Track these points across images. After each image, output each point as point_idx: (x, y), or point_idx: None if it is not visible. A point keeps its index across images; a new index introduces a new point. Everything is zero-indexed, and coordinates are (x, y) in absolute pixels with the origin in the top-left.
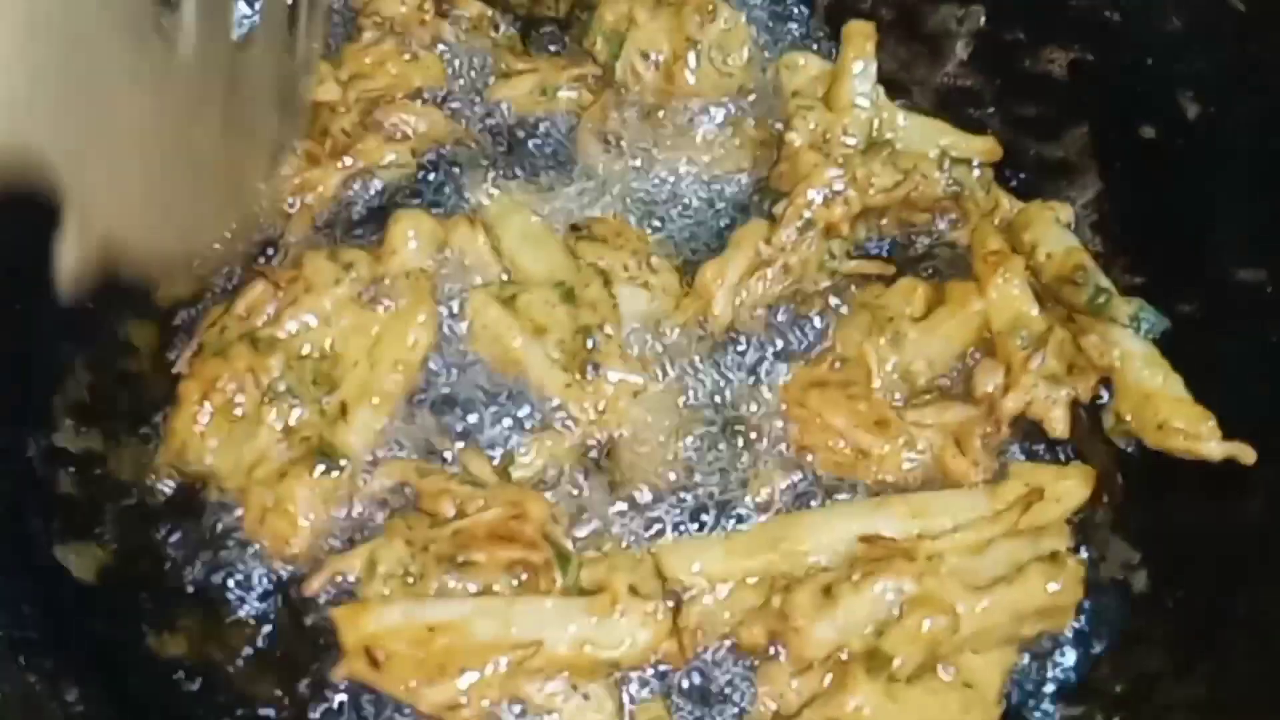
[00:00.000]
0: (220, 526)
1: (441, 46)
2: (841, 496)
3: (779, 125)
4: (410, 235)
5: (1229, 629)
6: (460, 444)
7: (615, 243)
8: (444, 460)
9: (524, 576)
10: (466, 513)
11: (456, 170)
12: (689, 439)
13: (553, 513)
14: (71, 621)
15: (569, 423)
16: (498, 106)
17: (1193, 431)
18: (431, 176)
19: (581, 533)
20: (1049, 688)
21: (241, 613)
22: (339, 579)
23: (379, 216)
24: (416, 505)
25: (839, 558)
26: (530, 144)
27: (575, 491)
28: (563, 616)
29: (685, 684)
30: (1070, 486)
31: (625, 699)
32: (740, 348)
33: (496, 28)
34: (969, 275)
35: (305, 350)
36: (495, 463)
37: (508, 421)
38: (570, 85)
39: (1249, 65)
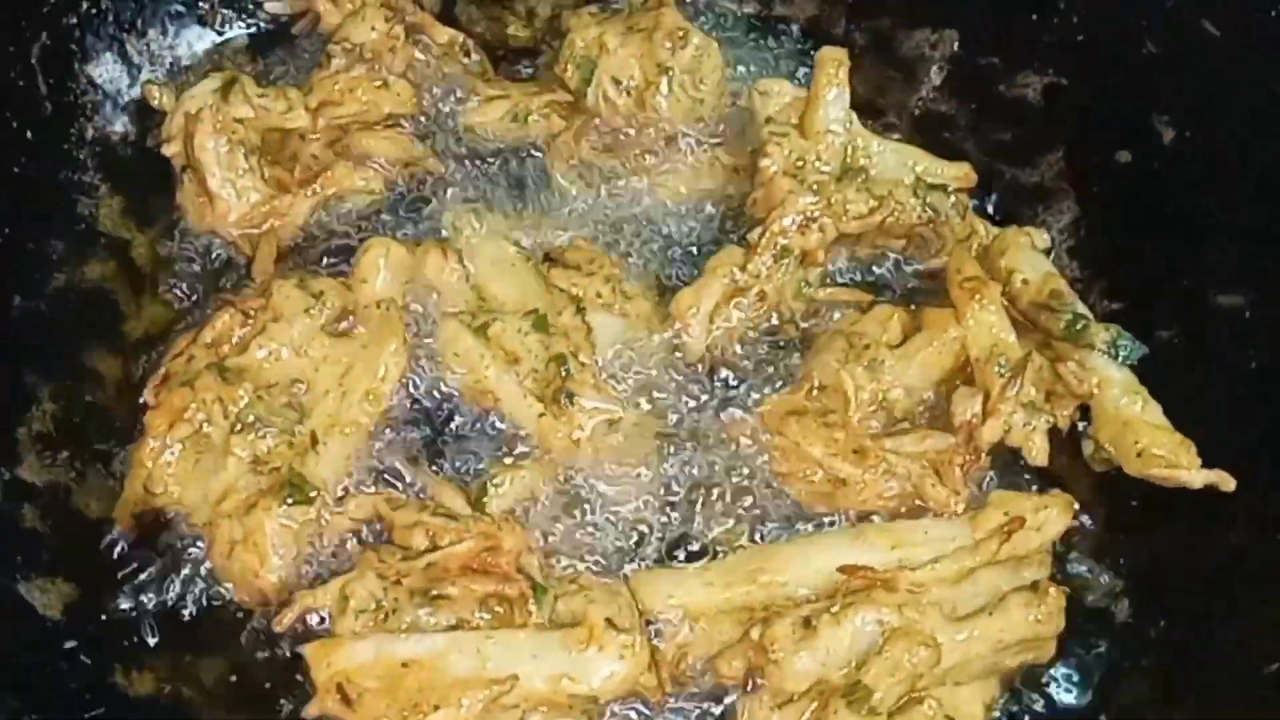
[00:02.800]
0: (188, 561)
1: (412, 73)
2: (820, 526)
3: (752, 151)
4: (381, 264)
5: (1212, 658)
6: (433, 475)
7: (588, 269)
8: (416, 492)
9: (499, 610)
10: (440, 545)
11: (427, 197)
12: (665, 468)
13: (527, 544)
14: (38, 659)
15: (543, 453)
16: (469, 133)
17: (1172, 459)
18: (402, 204)
19: (557, 565)
20: (1033, 718)
21: (211, 649)
22: (310, 614)
23: (349, 244)
24: (389, 537)
25: (818, 589)
26: (502, 170)
27: (550, 523)
28: (539, 650)
29: (663, 718)
30: (1051, 515)
31: None
32: (716, 376)
33: (468, 54)
34: (945, 302)
35: (274, 380)
36: (469, 494)
37: (481, 452)
38: (542, 111)
39: (1223, 90)
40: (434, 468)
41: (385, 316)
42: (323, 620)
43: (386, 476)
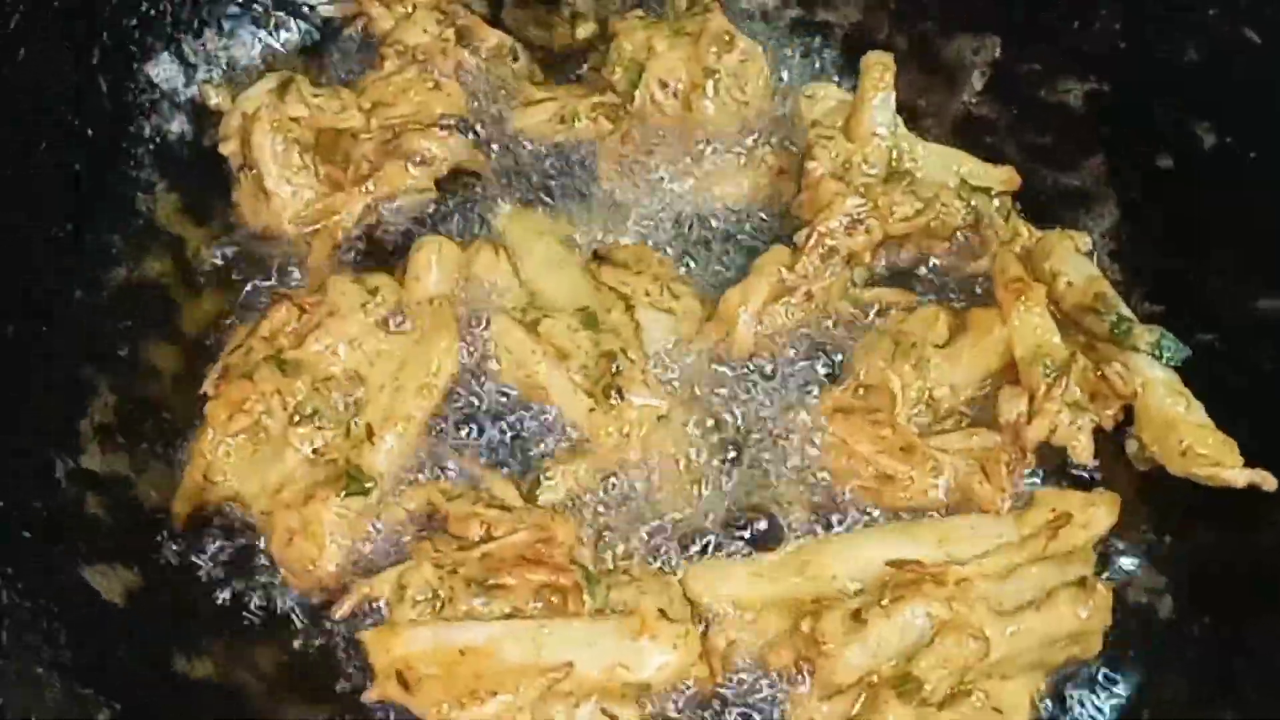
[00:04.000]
0: (247, 550)
1: (463, 75)
2: (868, 521)
3: (799, 154)
4: (433, 261)
5: (1255, 656)
6: (486, 468)
7: (636, 268)
8: (470, 484)
9: (553, 600)
10: (494, 536)
11: (478, 197)
12: (714, 464)
13: (579, 536)
14: (102, 643)
15: (593, 447)
16: (518, 134)
17: (1215, 458)
18: (453, 203)
19: (608, 556)
20: (1077, 713)
21: (270, 636)
22: (368, 603)
23: (402, 242)
24: (444, 528)
25: (867, 582)
26: (551, 171)
27: (601, 515)
28: (593, 639)
29: (714, 708)
30: (1096, 513)
31: None
32: (763, 374)
33: (516, 57)
34: (990, 303)
35: (331, 373)
36: (521, 486)
37: (533, 446)
38: (589, 114)
39: (1264, 95)
40: (487, 461)
41: (438, 313)
42: (380, 608)
43: (441, 469)
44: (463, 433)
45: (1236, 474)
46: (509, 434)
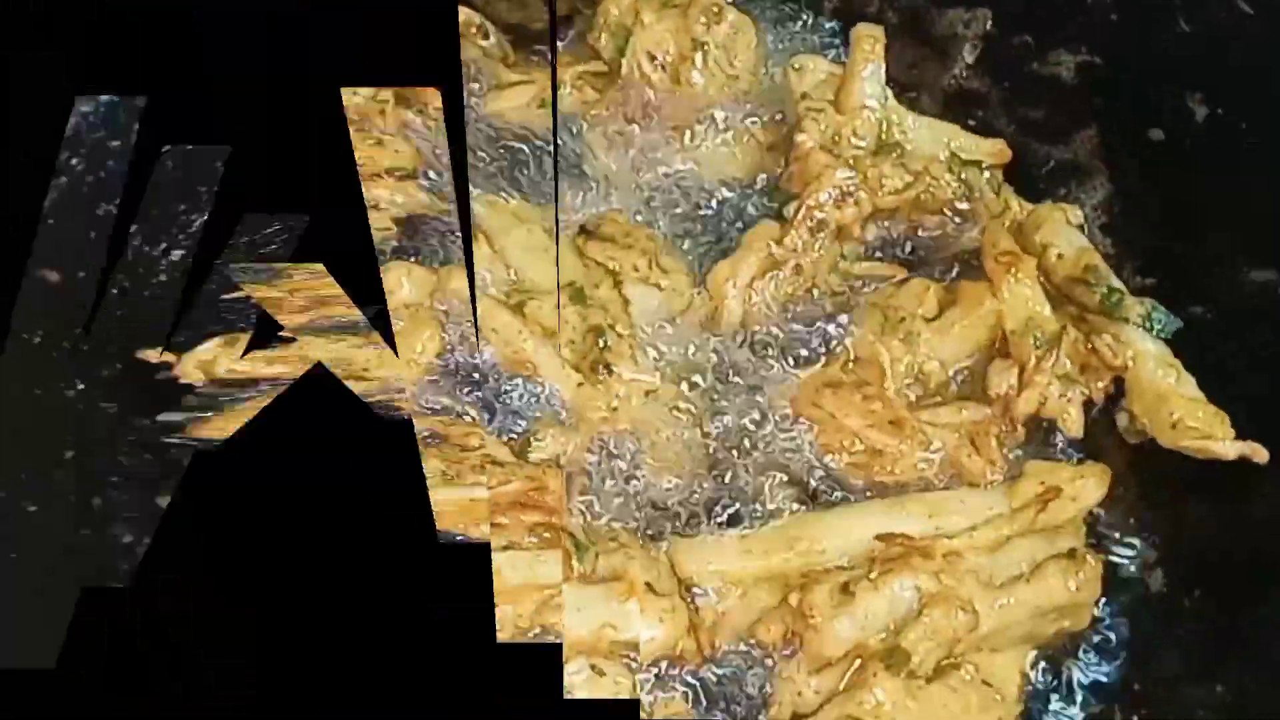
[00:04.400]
0: None
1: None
2: (857, 497)
3: (788, 127)
4: (404, 281)
5: (1246, 629)
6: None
7: (624, 243)
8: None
9: (547, 535)
10: (491, 486)
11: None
12: (702, 438)
13: (567, 506)
14: None
15: (582, 422)
16: (492, 118)
17: (1206, 431)
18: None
19: (598, 524)
20: (1067, 686)
21: None
22: None
23: None
24: None
25: (856, 556)
26: (532, 151)
27: (589, 489)
28: (582, 604)
29: (702, 681)
30: (1086, 485)
31: (643, 696)
32: (752, 348)
33: (486, 36)
34: (980, 276)
35: None
36: (514, 447)
37: (523, 418)
38: (574, 83)
39: (1257, 68)
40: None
41: (415, 314)
42: None
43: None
44: (453, 405)
45: (1227, 446)
46: (499, 408)
